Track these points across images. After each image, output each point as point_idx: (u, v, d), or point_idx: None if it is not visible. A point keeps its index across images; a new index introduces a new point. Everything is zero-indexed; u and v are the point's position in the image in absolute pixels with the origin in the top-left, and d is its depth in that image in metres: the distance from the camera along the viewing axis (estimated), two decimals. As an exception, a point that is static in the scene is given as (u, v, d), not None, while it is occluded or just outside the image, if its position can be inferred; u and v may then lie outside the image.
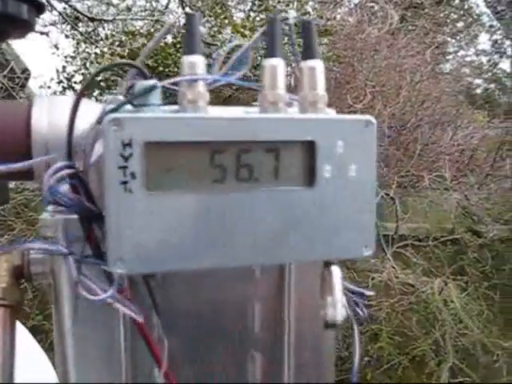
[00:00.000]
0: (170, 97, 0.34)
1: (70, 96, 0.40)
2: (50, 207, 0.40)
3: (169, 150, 0.30)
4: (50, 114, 0.39)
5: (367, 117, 0.34)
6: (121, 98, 0.34)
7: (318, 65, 0.35)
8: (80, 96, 0.32)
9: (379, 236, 2.80)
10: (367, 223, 0.35)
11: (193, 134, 0.30)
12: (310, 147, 0.33)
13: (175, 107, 0.34)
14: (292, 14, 0.35)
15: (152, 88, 0.32)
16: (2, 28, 0.57)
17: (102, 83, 3.64)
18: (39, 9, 0.58)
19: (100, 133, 0.33)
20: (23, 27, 0.58)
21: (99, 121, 0.32)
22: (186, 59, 0.33)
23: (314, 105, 0.35)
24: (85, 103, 0.34)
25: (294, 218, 0.33)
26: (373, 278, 2.72)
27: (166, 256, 0.30)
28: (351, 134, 0.33)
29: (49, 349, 0.88)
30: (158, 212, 0.30)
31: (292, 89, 0.36)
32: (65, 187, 0.32)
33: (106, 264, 0.33)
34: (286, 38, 0.38)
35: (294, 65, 0.36)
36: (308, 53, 0.35)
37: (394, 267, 2.80)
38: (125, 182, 0.29)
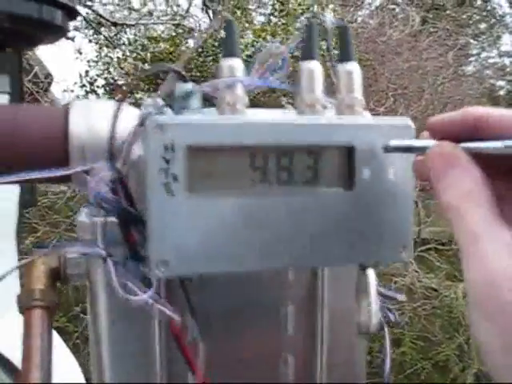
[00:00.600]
0: (208, 100, 0.35)
1: (105, 100, 0.41)
2: (86, 210, 0.41)
3: (210, 154, 0.30)
4: (86, 119, 0.40)
5: (406, 120, 0.34)
6: (160, 101, 0.34)
7: (354, 68, 0.35)
8: (122, 101, 0.32)
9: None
10: (405, 227, 0.34)
11: (233, 138, 0.31)
12: (349, 151, 0.33)
13: (213, 110, 0.34)
14: (329, 18, 0.35)
15: (192, 92, 0.32)
16: (37, 34, 0.58)
17: (124, 87, 3.67)
18: (71, 14, 0.59)
19: (139, 135, 0.33)
20: (57, 33, 0.60)
21: (140, 123, 0.33)
22: (225, 62, 0.33)
23: (351, 108, 0.35)
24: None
25: (333, 221, 0.33)
26: (395, 282, 2.70)
27: (207, 258, 0.30)
28: (390, 138, 0.33)
29: (72, 350, 0.89)
30: (199, 214, 0.30)
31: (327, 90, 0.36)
32: (105, 189, 0.33)
33: (145, 266, 0.33)
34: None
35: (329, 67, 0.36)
36: (344, 56, 0.35)
37: (416, 271, 2.78)
38: (167, 185, 0.29)
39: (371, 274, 0.36)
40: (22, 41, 0.59)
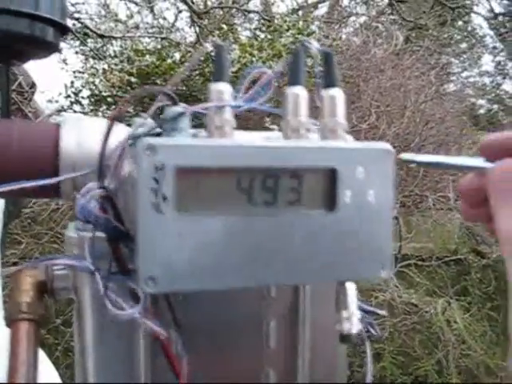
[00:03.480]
0: (197, 119, 0.36)
1: (95, 118, 0.42)
2: (74, 225, 0.42)
3: (198, 175, 0.32)
4: (78, 135, 0.41)
5: (386, 145, 0.35)
6: (150, 121, 0.35)
7: (338, 93, 0.37)
8: (113, 120, 0.33)
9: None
10: (384, 246, 0.36)
11: (221, 160, 0.32)
12: (331, 173, 0.34)
13: (202, 132, 0.35)
14: (315, 45, 0.37)
15: (181, 114, 0.33)
16: (28, 50, 0.59)
17: (109, 99, 3.67)
18: (63, 31, 0.60)
19: (129, 154, 0.34)
20: (48, 49, 0.60)
21: (129, 143, 0.34)
22: (214, 87, 0.34)
23: (334, 131, 0.36)
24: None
25: (315, 241, 0.34)
26: (376, 297, 2.72)
27: (194, 275, 0.31)
28: (370, 162, 0.35)
29: (52, 362, 0.89)
30: (187, 233, 0.31)
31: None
32: (93, 206, 0.34)
33: (133, 281, 0.34)
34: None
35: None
36: (329, 81, 0.37)
37: (397, 286, 2.80)
38: (156, 204, 0.31)
39: (351, 285, 0.37)
40: (12, 56, 0.59)
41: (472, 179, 0.32)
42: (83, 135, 0.41)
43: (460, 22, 6.87)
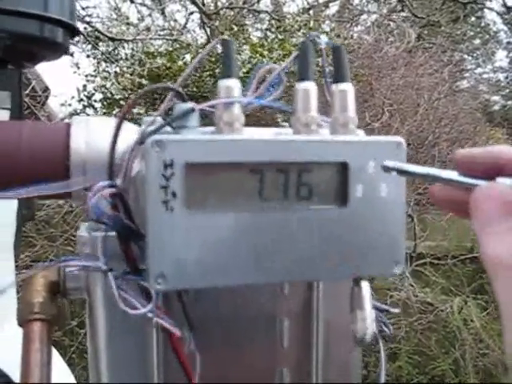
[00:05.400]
0: (206, 118, 0.36)
1: (105, 117, 0.42)
2: (86, 225, 0.42)
3: (207, 171, 0.31)
4: (87, 135, 0.41)
5: (397, 138, 0.35)
6: (159, 119, 0.35)
7: (348, 88, 0.36)
8: (122, 119, 0.33)
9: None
10: (397, 241, 0.35)
11: (230, 155, 0.32)
12: (342, 168, 0.34)
13: (211, 128, 0.35)
14: (324, 40, 0.36)
15: (190, 111, 0.33)
16: (39, 51, 0.59)
17: (121, 101, 3.69)
18: (73, 32, 0.60)
19: (139, 152, 0.34)
20: (58, 50, 0.61)
21: (139, 141, 0.34)
22: (223, 83, 0.34)
23: (345, 126, 0.36)
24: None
25: (327, 237, 0.34)
26: (391, 296, 2.70)
27: (205, 272, 0.31)
28: (382, 155, 0.34)
29: (68, 364, 0.89)
30: (197, 229, 0.31)
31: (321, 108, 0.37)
32: (105, 204, 0.34)
33: (144, 280, 0.34)
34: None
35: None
36: (339, 76, 0.36)
37: (412, 285, 2.78)
38: (166, 201, 0.30)
39: (366, 285, 0.36)
40: (23, 58, 0.60)
41: (445, 189, 0.32)
42: (92, 134, 0.41)
43: (473, 18, 6.82)
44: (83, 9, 3.65)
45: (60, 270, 0.43)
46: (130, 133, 0.36)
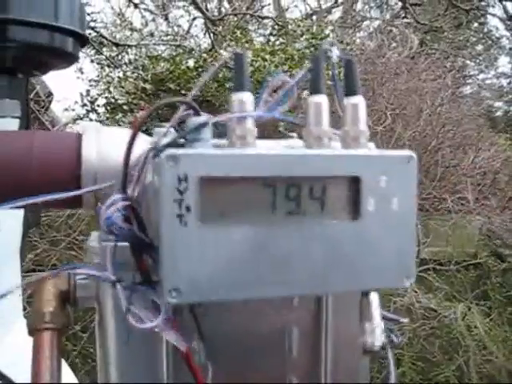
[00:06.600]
0: (218, 128, 0.36)
1: (116, 127, 0.42)
2: (96, 234, 0.42)
3: (222, 185, 0.32)
4: (99, 145, 0.41)
5: (409, 152, 0.35)
6: (172, 131, 0.35)
7: (360, 101, 0.36)
8: (137, 130, 0.33)
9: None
10: (408, 254, 0.36)
11: (244, 169, 0.32)
12: (354, 182, 0.34)
13: (224, 141, 0.35)
14: (335, 53, 0.36)
15: (204, 125, 0.33)
16: (48, 61, 0.59)
17: (125, 106, 3.70)
18: (82, 41, 0.61)
19: (150, 163, 0.34)
20: (68, 59, 0.61)
21: (153, 154, 0.34)
22: (236, 96, 0.34)
23: (357, 140, 0.36)
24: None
25: (339, 250, 0.34)
26: (394, 302, 2.70)
27: (219, 286, 0.31)
28: (394, 169, 0.34)
29: (71, 369, 0.89)
30: (211, 243, 0.31)
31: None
32: (117, 217, 0.34)
33: (156, 292, 0.34)
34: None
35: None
36: (350, 90, 0.37)
37: (415, 291, 2.77)
38: (180, 216, 0.31)
39: (375, 297, 0.37)
40: (33, 68, 0.60)
41: None
42: (103, 144, 0.41)
43: (475, 24, 6.82)
44: (88, 14, 3.66)
45: (70, 279, 0.43)
46: (139, 141, 0.36)
